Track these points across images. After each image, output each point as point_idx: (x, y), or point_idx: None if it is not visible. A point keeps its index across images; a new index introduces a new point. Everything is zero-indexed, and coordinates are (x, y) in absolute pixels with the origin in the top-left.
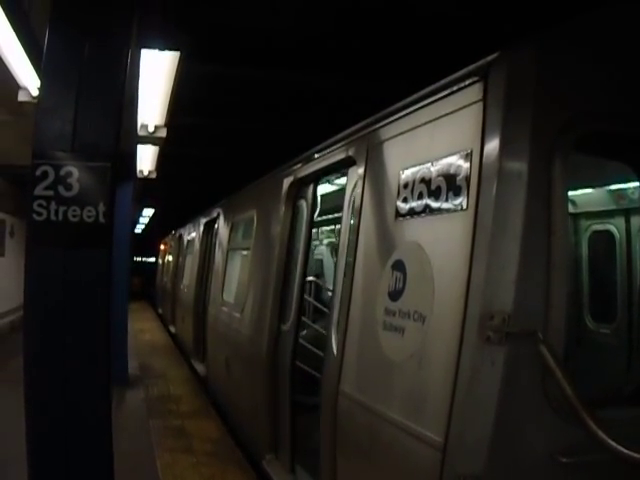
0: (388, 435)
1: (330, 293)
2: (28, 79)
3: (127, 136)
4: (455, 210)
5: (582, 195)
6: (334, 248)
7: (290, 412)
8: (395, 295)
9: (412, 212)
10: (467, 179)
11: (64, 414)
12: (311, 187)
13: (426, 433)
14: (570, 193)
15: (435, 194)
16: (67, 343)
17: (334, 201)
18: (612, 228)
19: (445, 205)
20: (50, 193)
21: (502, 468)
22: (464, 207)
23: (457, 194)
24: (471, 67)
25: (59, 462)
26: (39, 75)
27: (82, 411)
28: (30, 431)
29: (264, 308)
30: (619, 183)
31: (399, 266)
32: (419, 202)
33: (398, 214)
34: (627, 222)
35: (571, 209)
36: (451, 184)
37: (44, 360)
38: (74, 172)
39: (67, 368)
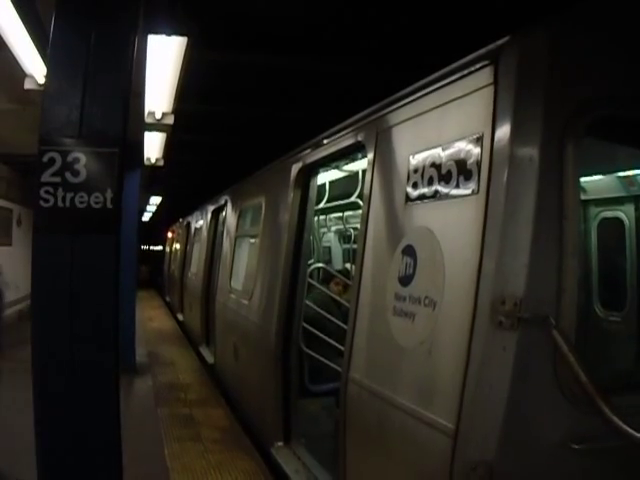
0: (398, 422)
1: None
2: (34, 66)
3: (134, 123)
4: (466, 195)
5: (591, 181)
6: (342, 235)
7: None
8: (405, 280)
9: (422, 197)
10: (478, 163)
11: (72, 402)
12: (320, 173)
13: (437, 419)
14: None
15: (445, 179)
16: (75, 330)
17: (343, 187)
18: (621, 215)
19: (456, 190)
20: (57, 179)
21: (513, 454)
22: (475, 191)
23: (468, 178)
24: (482, 51)
25: (67, 451)
26: (45, 62)
27: (90, 399)
28: (38, 420)
29: (273, 294)
30: (630, 169)
31: (409, 251)
32: (429, 187)
33: (408, 199)
34: (637, 209)
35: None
36: (462, 168)
37: (52, 348)
38: (81, 158)
39: (75, 356)
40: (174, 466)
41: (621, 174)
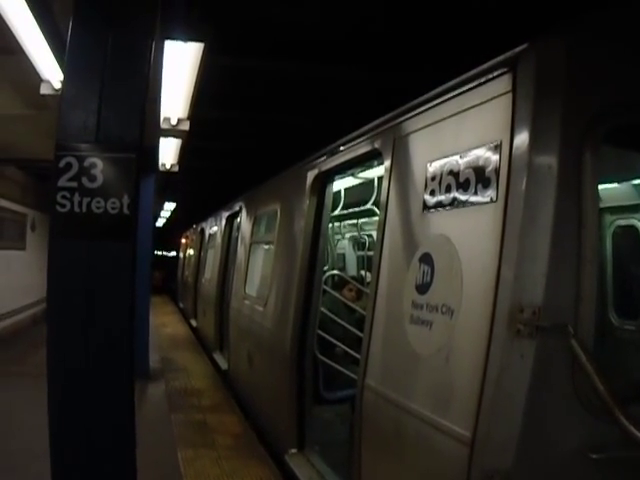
0: (414, 429)
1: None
2: (50, 72)
3: (150, 129)
4: (484, 202)
5: (606, 189)
6: (356, 242)
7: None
8: (423, 288)
9: (440, 204)
10: (496, 171)
11: (87, 407)
12: (335, 180)
13: (454, 428)
14: None
15: (463, 186)
16: (90, 335)
17: (358, 194)
18: (637, 223)
19: (474, 197)
20: (74, 184)
21: (530, 464)
22: (493, 199)
23: (486, 186)
24: (500, 58)
25: (82, 455)
26: (61, 67)
27: (105, 404)
28: (53, 424)
29: (288, 301)
30: None
31: (427, 259)
32: (447, 194)
33: (425, 207)
34: None
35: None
36: (480, 176)
37: (68, 353)
38: (98, 163)
39: (90, 361)
40: (187, 472)
41: (636, 182)
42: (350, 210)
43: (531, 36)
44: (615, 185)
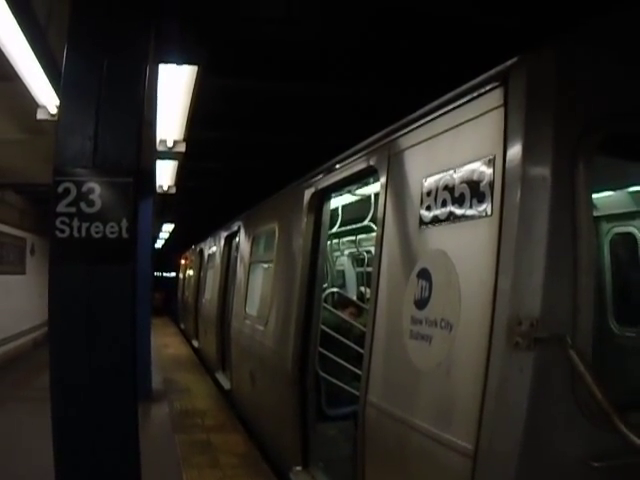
0: (417, 444)
1: None
2: (46, 97)
3: (146, 151)
4: (480, 216)
5: (602, 197)
6: (355, 258)
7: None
8: (421, 304)
9: (436, 220)
10: (491, 185)
11: (91, 430)
12: (332, 198)
13: (456, 441)
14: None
15: (459, 201)
16: (93, 359)
17: (356, 211)
18: (634, 230)
19: (469, 212)
20: (72, 210)
21: (533, 474)
22: (488, 213)
23: (481, 200)
24: (491, 72)
25: (86, 478)
26: (57, 93)
27: (109, 427)
28: (58, 448)
29: (288, 320)
30: None
31: (424, 274)
32: (443, 209)
33: (422, 222)
34: None
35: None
36: (475, 190)
37: (70, 377)
38: (96, 188)
39: (93, 384)
40: None
41: (632, 189)
42: (348, 227)
43: (522, 49)
44: (611, 193)
